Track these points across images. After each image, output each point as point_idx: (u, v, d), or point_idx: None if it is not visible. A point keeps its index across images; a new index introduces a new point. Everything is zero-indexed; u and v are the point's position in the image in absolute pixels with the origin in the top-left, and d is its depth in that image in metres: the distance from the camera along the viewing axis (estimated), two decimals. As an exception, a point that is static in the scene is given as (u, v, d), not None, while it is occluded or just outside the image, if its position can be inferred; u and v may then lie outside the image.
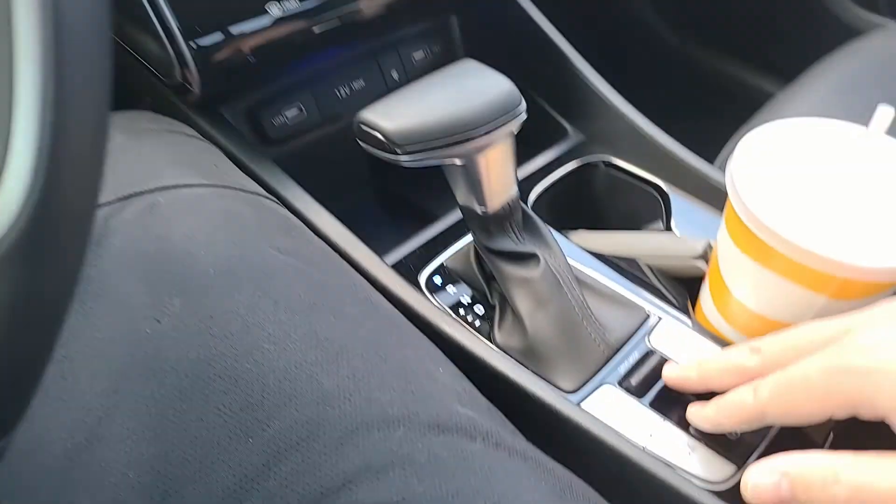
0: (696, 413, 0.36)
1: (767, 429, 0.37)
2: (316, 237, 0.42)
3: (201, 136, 0.46)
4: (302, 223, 0.42)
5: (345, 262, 0.41)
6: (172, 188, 0.38)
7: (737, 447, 0.37)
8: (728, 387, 0.34)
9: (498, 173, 0.41)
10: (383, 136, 0.37)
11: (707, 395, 0.36)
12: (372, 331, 0.36)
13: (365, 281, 0.41)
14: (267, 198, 0.42)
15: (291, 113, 0.54)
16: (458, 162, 0.39)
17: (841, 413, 0.28)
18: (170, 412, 0.31)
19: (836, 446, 0.34)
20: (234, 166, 0.45)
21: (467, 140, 0.38)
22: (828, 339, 0.30)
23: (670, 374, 0.39)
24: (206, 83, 0.46)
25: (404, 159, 0.38)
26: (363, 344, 0.35)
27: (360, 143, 0.39)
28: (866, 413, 0.27)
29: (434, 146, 0.38)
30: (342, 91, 0.57)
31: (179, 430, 0.31)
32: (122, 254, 0.35)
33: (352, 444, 0.31)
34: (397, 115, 0.38)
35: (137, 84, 0.50)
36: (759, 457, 0.36)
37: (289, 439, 0.31)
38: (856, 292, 0.35)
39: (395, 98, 0.40)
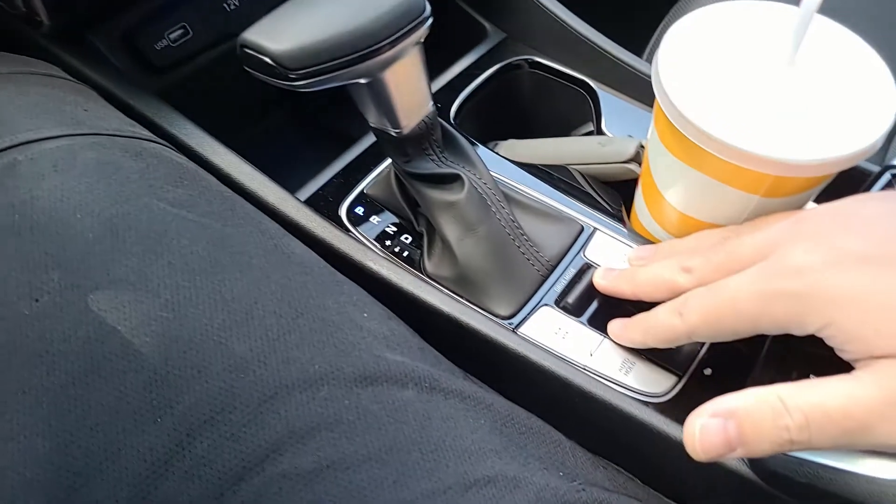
0: (622, 335, 0.36)
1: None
2: (215, 181, 0.37)
3: (66, 74, 0.40)
4: (197, 167, 0.38)
5: (250, 206, 0.37)
6: (33, 143, 0.33)
7: (677, 357, 0.36)
8: (659, 300, 0.34)
9: (409, 89, 0.37)
10: (272, 60, 0.33)
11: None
12: (284, 282, 0.33)
13: (275, 224, 0.37)
14: (152, 141, 0.37)
15: (175, 34, 0.47)
16: (362, 81, 0.35)
17: (772, 331, 0.27)
18: (63, 400, 0.28)
19: (777, 351, 0.34)
20: (111, 107, 0.39)
21: (369, 56, 0.34)
22: (756, 253, 0.28)
23: (602, 282, 0.38)
24: (59, 8, 0.39)
25: (299, 84, 0.33)
26: (275, 298, 0.32)
27: (247, 70, 0.34)
28: (797, 332, 0.26)
29: (332, 67, 0.33)
30: (231, 1, 0.50)
31: (77, 419, 0.28)
32: None
33: (272, 410, 0.29)
34: (285, 33, 0.33)
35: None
36: (700, 365, 0.36)
37: (201, 414, 0.28)
38: (790, 189, 0.33)
39: (282, 13, 0.34)
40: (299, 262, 0.35)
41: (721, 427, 0.27)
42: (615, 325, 0.36)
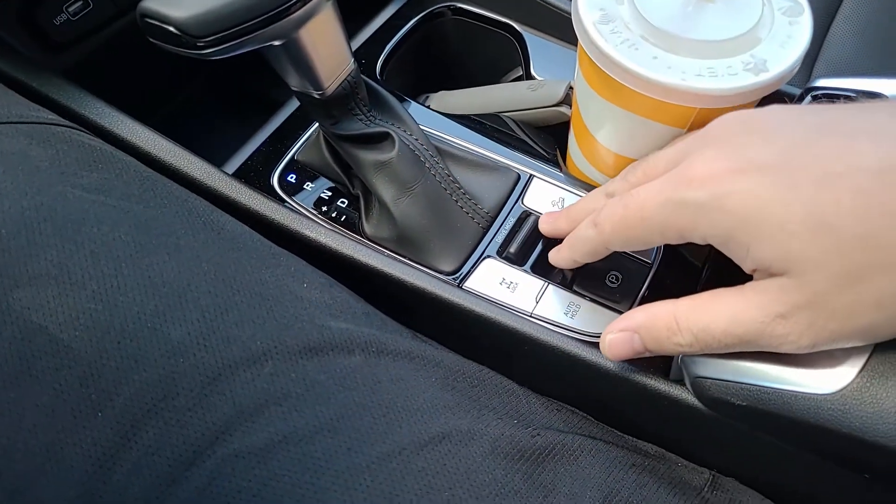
0: (556, 258, 0.36)
1: (645, 276, 0.37)
2: (133, 162, 0.36)
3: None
4: (113, 148, 0.36)
5: (174, 185, 0.36)
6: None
7: (619, 296, 0.37)
8: None
9: (327, 47, 0.35)
10: (176, 28, 0.31)
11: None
12: (217, 260, 0.32)
13: (203, 201, 0.36)
14: (60, 125, 0.35)
15: (74, 7, 0.44)
16: (276, 43, 0.34)
17: (678, 241, 0.28)
18: None
19: (712, 279, 0.34)
20: (11, 91, 0.37)
21: (280, 16, 0.32)
22: (668, 164, 0.29)
23: (545, 226, 0.38)
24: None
25: (209, 52, 0.32)
26: (209, 278, 0.31)
27: (151, 41, 0.32)
28: (700, 241, 0.27)
29: (241, 31, 0.31)
30: (134, -33, 0.47)
31: (14, 422, 0.27)
32: None
33: (217, 392, 0.28)
34: (187, -1, 0.31)
35: None
36: (641, 302, 0.37)
37: (143, 404, 0.28)
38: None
39: (183, -24, 0.32)
40: (231, 238, 0.34)
41: (628, 339, 0.30)
42: (553, 252, 0.37)
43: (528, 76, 0.48)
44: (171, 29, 0.31)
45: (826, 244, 0.22)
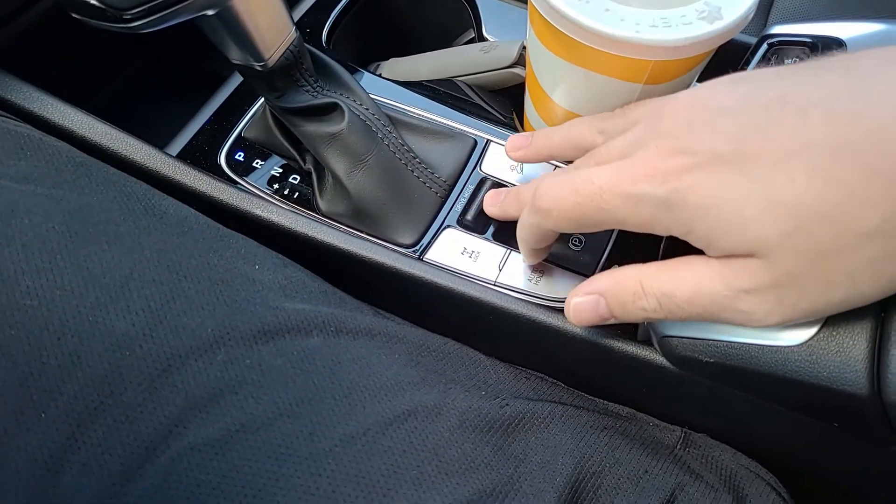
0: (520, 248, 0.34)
1: (608, 237, 0.37)
2: (65, 147, 0.33)
3: None
4: (42, 134, 0.33)
5: (112, 170, 0.34)
6: None
7: (583, 259, 0.36)
8: None
9: (265, 15, 0.33)
10: (98, 1, 0.29)
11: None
12: (160, 246, 0.30)
13: (143, 185, 0.34)
14: (-18, 112, 0.33)
15: (-7, -12, 0.41)
16: (209, 13, 0.32)
17: (637, 230, 0.27)
18: None
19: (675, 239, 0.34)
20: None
21: (209, -18, 0.30)
22: (621, 154, 0.27)
23: (491, 208, 0.37)
24: None
25: (137, 25, 0.29)
26: (153, 265, 0.29)
27: (74, 17, 0.30)
28: (661, 234, 0.26)
29: (169, 1, 0.30)
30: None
31: None
32: None
33: (167, 384, 0.27)
34: (108, -33, 0.29)
35: None
36: (604, 267, 0.36)
37: (89, 402, 0.26)
38: (672, 73, 0.32)
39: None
40: (175, 222, 0.32)
41: (593, 303, 0.29)
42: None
43: (481, 38, 0.46)
44: (94, 2, 0.29)
45: (787, 226, 0.22)
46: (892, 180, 0.20)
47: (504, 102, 0.43)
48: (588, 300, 0.29)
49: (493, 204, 0.36)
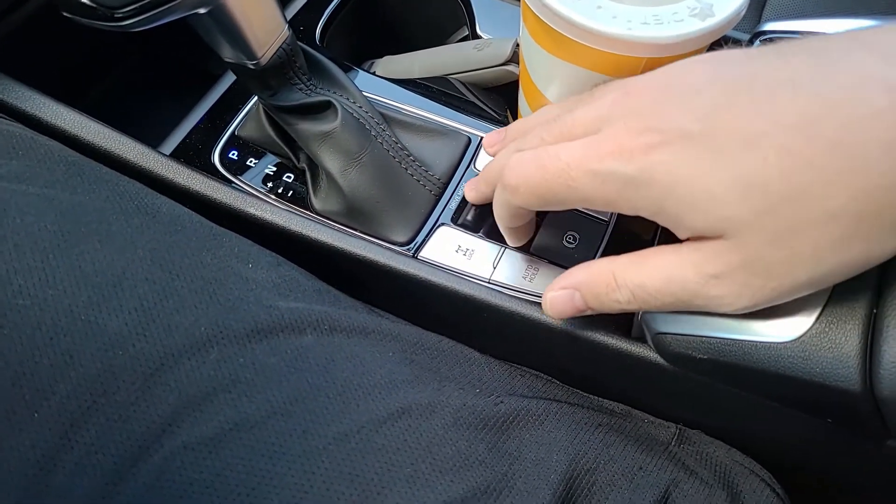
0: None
1: (602, 234, 0.37)
2: (57, 147, 0.33)
3: None
4: (34, 134, 0.33)
5: (104, 169, 0.34)
6: None
7: (577, 257, 0.36)
8: None
9: (257, 13, 0.34)
10: (89, -1, 0.29)
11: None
12: (153, 245, 0.30)
13: (136, 184, 0.34)
14: (-27, 111, 0.33)
15: (-15, -13, 0.41)
16: (201, 11, 0.32)
17: (603, 209, 0.27)
18: None
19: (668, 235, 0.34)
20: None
21: (201, -20, 0.30)
22: (587, 129, 0.27)
23: (471, 193, 0.36)
24: None
25: (129, 24, 0.29)
26: (145, 264, 0.29)
27: (66, 16, 0.30)
28: (629, 213, 0.26)
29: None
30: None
31: None
32: None
33: (160, 383, 0.27)
34: (99, -34, 0.29)
35: None
36: (599, 261, 0.36)
37: (82, 401, 0.26)
38: (665, 69, 0.32)
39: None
40: (168, 221, 0.32)
41: (569, 297, 0.29)
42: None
43: (475, 36, 0.46)
44: (85, 0, 0.29)
45: (755, 205, 0.22)
46: (854, 155, 0.20)
47: (498, 100, 0.43)
48: (563, 294, 0.29)
49: (471, 189, 0.36)
